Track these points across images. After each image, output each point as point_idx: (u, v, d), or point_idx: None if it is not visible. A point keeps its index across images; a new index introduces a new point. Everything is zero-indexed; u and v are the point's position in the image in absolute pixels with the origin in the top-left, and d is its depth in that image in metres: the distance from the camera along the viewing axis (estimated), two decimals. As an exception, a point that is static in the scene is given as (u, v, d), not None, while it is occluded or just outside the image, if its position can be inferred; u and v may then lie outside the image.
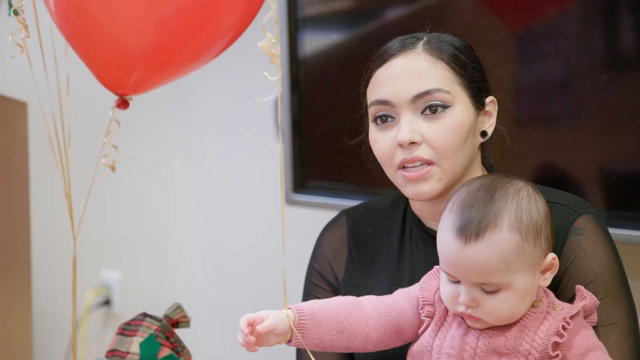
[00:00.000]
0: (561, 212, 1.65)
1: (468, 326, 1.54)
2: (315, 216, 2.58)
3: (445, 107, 1.65)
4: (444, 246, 1.54)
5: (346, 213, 1.87)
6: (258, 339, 1.57)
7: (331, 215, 2.58)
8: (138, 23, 1.88)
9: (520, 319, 1.51)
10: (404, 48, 1.69)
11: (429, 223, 1.76)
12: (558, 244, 1.62)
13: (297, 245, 2.83)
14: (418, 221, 1.77)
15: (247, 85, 2.85)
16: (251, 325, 1.56)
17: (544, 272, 1.54)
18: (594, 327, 1.56)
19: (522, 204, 1.52)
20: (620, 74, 2.16)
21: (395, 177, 1.69)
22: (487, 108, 1.72)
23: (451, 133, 1.64)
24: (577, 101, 2.21)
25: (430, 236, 1.75)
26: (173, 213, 3.11)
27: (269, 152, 2.82)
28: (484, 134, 1.72)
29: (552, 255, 1.54)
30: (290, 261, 2.85)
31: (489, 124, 1.72)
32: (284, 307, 1.60)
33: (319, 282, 1.84)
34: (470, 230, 1.50)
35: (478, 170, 1.73)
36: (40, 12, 1.95)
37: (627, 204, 2.16)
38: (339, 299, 1.64)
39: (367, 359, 1.74)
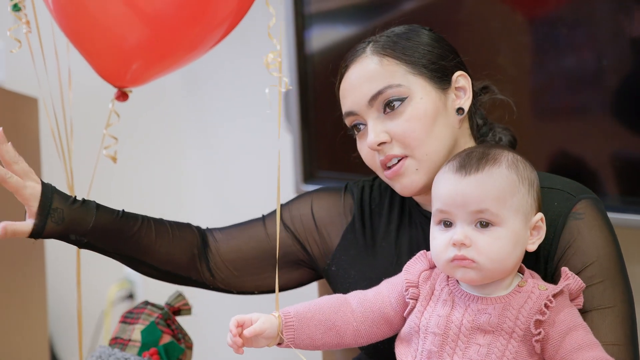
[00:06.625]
0: (560, 197, 1.64)
1: (453, 305, 1.55)
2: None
3: (402, 99, 1.66)
4: (442, 184, 1.56)
5: (353, 184, 1.88)
6: (246, 340, 1.60)
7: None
8: (133, 16, 1.90)
9: (505, 297, 1.52)
10: (354, 56, 1.72)
11: (426, 207, 1.77)
12: (557, 229, 1.62)
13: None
14: (417, 205, 1.79)
15: (254, 80, 2.88)
16: (241, 326, 1.59)
17: (532, 230, 1.55)
18: (590, 311, 1.57)
19: (517, 157, 1.57)
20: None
21: (384, 178, 1.72)
22: (458, 84, 1.71)
23: (413, 123, 1.65)
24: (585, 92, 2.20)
25: (428, 219, 1.75)
26: (190, 204, 3.13)
27: (275, 146, 2.84)
28: (461, 110, 1.71)
29: (540, 215, 1.56)
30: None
31: (465, 99, 1.71)
32: (275, 311, 1.63)
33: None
34: (470, 166, 1.54)
35: (467, 147, 1.71)
36: (41, 8, 1.99)
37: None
38: (324, 298, 1.67)
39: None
